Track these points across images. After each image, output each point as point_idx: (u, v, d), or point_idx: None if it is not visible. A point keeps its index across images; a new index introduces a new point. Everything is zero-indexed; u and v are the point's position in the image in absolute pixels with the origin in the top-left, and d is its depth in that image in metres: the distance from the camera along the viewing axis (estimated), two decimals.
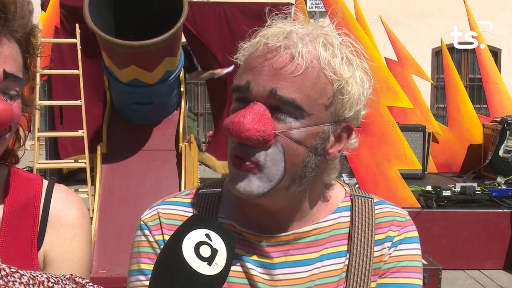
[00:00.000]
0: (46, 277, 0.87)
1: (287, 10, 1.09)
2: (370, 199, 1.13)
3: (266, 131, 0.96)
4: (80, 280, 0.92)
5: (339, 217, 1.10)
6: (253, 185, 0.99)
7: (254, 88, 0.98)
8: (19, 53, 1.05)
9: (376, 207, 1.12)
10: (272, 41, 0.99)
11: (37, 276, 0.86)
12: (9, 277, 0.83)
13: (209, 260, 0.86)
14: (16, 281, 0.83)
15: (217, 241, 0.88)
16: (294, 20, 1.05)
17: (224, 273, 0.87)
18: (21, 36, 1.05)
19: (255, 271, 1.06)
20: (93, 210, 4.39)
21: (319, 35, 1.00)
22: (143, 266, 1.08)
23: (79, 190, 6.52)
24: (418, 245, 1.11)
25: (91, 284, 0.93)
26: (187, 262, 0.84)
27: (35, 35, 1.09)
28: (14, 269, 0.85)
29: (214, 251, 0.87)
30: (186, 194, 1.15)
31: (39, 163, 6.13)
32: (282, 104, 0.97)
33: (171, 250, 0.86)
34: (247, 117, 0.95)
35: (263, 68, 0.98)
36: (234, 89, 1.01)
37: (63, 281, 0.89)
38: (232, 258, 0.89)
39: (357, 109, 1.03)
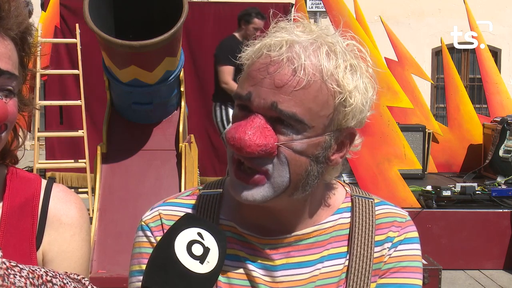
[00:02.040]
0: (44, 271, 0.88)
1: (289, 16, 1.07)
2: (371, 199, 1.13)
3: (268, 145, 0.96)
4: (75, 276, 0.93)
5: (339, 218, 1.10)
6: (258, 194, 1.00)
7: (256, 99, 0.97)
8: (14, 51, 1.05)
9: (376, 208, 1.12)
10: (274, 52, 0.97)
11: (36, 270, 0.87)
12: (9, 270, 0.84)
13: (201, 259, 0.86)
14: (16, 274, 0.84)
15: (209, 240, 0.88)
16: (295, 20, 1.04)
17: (216, 271, 0.88)
18: (15, 34, 1.05)
19: (257, 273, 1.06)
20: (93, 210, 4.39)
21: (323, 43, 0.99)
22: (144, 267, 1.08)
23: (79, 190, 6.52)
24: (418, 246, 1.11)
25: (86, 279, 0.93)
26: (179, 261, 0.85)
27: (31, 34, 1.09)
28: (14, 263, 0.85)
29: (206, 250, 0.87)
30: (187, 195, 1.15)
31: (39, 163, 6.13)
32: (283, 117, 0.96)
33: (163, 249, 0.87)
34: (247, 133, 0.95)
35: (265, 80, 0.97)
36: (236, 96, 1.01)
37: (61, 275, 0.90)
38: (224, 256, 0.89)
39: (361, 117, 1.02)
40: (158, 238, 1.09)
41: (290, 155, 0.98)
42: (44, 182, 1.15)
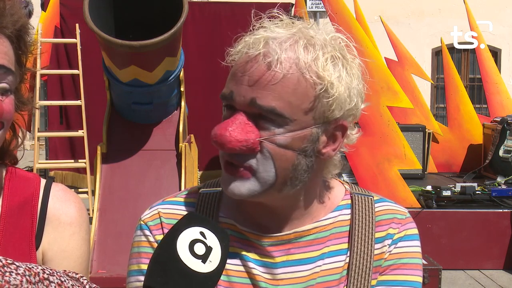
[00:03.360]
0: (41, 269, 0.88)
1: (269, 12, 1.06)
2: (370, 197, 1.13)
3: (249, 141, 0.97)
4: (73, 275, 0.93)
5: (339, 215, 1.10)
6: (244, 188, 1.00)
7: (237, 98, 0.99)
8: (10, 49, 1.05)
9: (376, 205, 1.12)
10: (251, 50, 0.99)
11: (33, 267, 0.87)
12: (5, 268, 0.83)
13: (204, 258, 0.86)
14: (12, 272, 0.84)
15: (212, 239, 0.88)
16: (274, 16, 1.04)
17: (218, 271, 0.88)
18: (11, 32, 1.05)
19: (257, 270, 1.06)
20: (93, 210, 4.39)
21: (301, 37, 0.99)
22: (143, 266, 1.08)
23: (79, 190, 6.52)
24: (418, 243, 1.12)
25: (85, 278, 0.93)
26: (181, 260, 0.85)
27: (28, 33, 1.10)
28: (10, 260, 0.85)
29: (209, 249, 0.87)
30: (186, 194, 1.15)
31: (39, 163, 6.14)
32: (263, 112, 0.97)
33: (165, 248, 0.86)
34: (228, 129, 0.97)
35: (243, 78, 0.98)
36: (222, 97, 1.02)
37: (58, 273, 0.90)
38: (227, 256, 0.89)
39: (349, 107, 1.02)
40: (157, 237, 1.09)
41: (273, 150, 0.98)
42: (43, 182, 1.15)
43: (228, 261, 1.05)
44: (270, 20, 1.04)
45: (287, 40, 0.99)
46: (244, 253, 1.07)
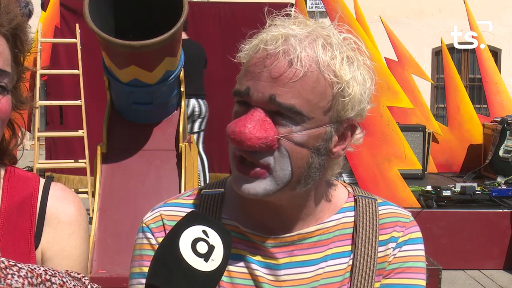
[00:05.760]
0: (43, 270, 0.88)
1: (284, 11, 1.07)
2: (374, 199, 1.13)
3: (268, 138, 0.97)
4: (75, 275, 0.93)
5: (343, 217, 1.10)
6: (259, 187, 1.00)
7: (254, 94, 0.98)
8: (6, 48, 1.05)
9: (379, 207, 1.12)
10: (270, 46, 0.98)
11: (35, 269, 0.87)
12: (7, 270, 0.83)
13: (206, 257, 0.86)
14: (14, 274, 0.83)
15: (214, 238, 0.88)
16: (289, 15, 1.04)
17: (220, 269, 0.88)
18: (7, 31, 1.05)
19: (260, 272, 1.06)
20: (93, 210, 4.39)
21: (319, 36, 0.99)
22: (145, 269, 1.08)
23: (79, 190, 6.52)
24: (422, 246, 1.12)
25: (86, 278, 0.93)
26: (184, 259, 0.85)
27: (24, 31, 1.09)
28: (13, 262, 0.85)
29: (211, 248, 0.87)
30: (188, 196, 1.14)
31: (39, 163, 6.14)
32: (282, 110, 0.97)
33: (168, 246, 0.87)
34: (247, 126, 0.96)
35: (262, 74, 0.97)
36: (235, 93, 1.01)
37: (60, 274, 0.90)
38: (229, 255, 0.89)
39: (361, 107, 1.02)
40: (159, 240, 1.08)
41: (290, 148, 0.98)
42: (42, 181, 1.15)
43: (231, 262, 1.05)
44: (279, 18, 1.04)
45: (306, 38, 0.98)
46: (247, 254, 1.07)
